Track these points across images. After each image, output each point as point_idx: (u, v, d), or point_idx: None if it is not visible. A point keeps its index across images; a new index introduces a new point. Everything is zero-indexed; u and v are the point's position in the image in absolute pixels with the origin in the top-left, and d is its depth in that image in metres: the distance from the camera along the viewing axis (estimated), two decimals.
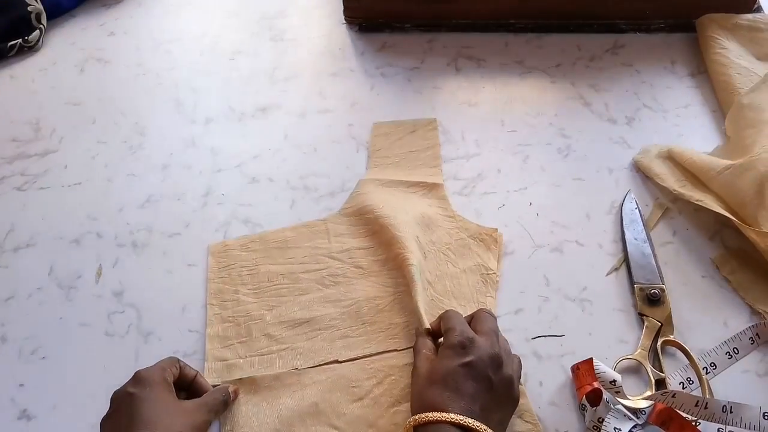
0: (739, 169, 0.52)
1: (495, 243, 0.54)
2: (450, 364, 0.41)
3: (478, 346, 0.41)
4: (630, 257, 0.53)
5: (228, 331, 0.50)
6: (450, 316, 0.45)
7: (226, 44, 0.73)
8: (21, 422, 0.47)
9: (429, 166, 0.61)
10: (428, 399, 0.40)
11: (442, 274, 0.53)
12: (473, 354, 0.41)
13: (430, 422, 0.38)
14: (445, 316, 0.45)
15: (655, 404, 0.43)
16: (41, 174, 0.62)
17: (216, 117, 0.66)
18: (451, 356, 0.41)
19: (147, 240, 0.57)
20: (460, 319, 0.44)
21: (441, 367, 0.41)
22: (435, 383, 0.40)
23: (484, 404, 0.40)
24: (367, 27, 0.73)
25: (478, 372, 0.40)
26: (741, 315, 0.50)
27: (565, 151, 0.61)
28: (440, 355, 0.42)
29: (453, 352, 0.41)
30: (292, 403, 0.46)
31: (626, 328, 0.50)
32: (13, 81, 0.71)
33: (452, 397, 0.39)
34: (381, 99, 0.67)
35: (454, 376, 0.40)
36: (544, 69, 0.68)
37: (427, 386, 0.41)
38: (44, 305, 0.53)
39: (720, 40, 0.66)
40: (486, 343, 0.42)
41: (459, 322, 0.44)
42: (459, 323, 0.43)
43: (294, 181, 0.60)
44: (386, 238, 0.53)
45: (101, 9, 0.78)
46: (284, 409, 0.46)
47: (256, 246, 0.55)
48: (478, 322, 0.44)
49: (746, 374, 0.47)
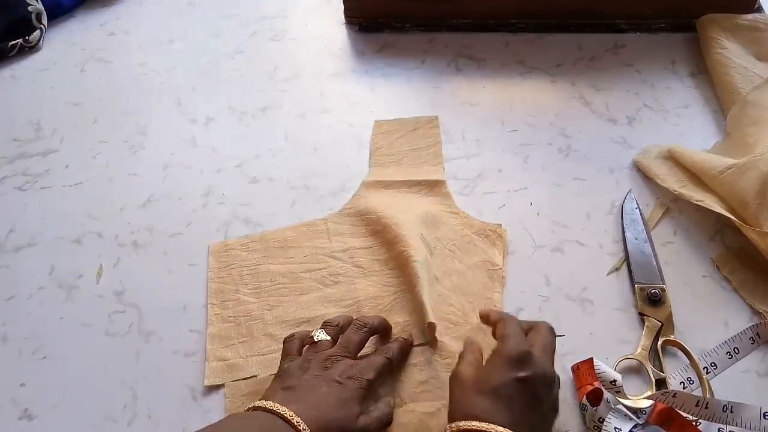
0: (740, 168, 0.52)
1: (500, 239, 0.54)
2: (504, 376, 0.39)
3: (535, 362, 0.40)
4: (630, 257, 0.53)
5: (229, 331, 0.51)
6: (508, 323, 0.43)
7: (226, 44, 0.73)
8: (22, 422, 0.47)
9: (431, 163, 0.61)
10: (474, 407, 0.38)
11: (448, 271, 0.53)
12: (529, 370, 0.39)
13: (475, 431, 0.37)
14: (502, 321, 0.43)
15: (655, 404, 0.43)
16: (42, 174, 0.62)
17: (216, 117, 0.66)
18: (506, 368, 0.39)
19: (148, 240, 0.57)
20: (517, 327, 0.42)
21: (493, 377, 0.39)
22: (484, 393, 0.39)
23: (532, 423, 0.38)
24: (367, 27, 0.73)
25: (531, 389, 0.39)
26: (741, 315, 0.50)
27: (566, 151, 0.61)
28: (492, 364, 0.40)
29: (508, 364, 0.39)
30: None
31: (627, 327, 0.50)
32: (14, 81, 0.71)
33: (502, 411, 0.38)
34: (381, 99, 0.67)
35: (506, 389, 0.38)
36: (544, 69, 0.68)
37: (474, 394, 0.39)
38: (45, 305, 0.53)
39: (720, 40, 0.66)
40: (543, 360, 0.40)
41: (516, 332, 0.42)
42: (516, 333, 0.42)
43: (294, 180, 0.60)
44: (389, 237, 0.53)
45: (102, 9, 0.78)
46: None
47: (257, 246, 0.55)
48: (537, 334, 0.43)
49: (747, 374, 0.47)
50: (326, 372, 0.43)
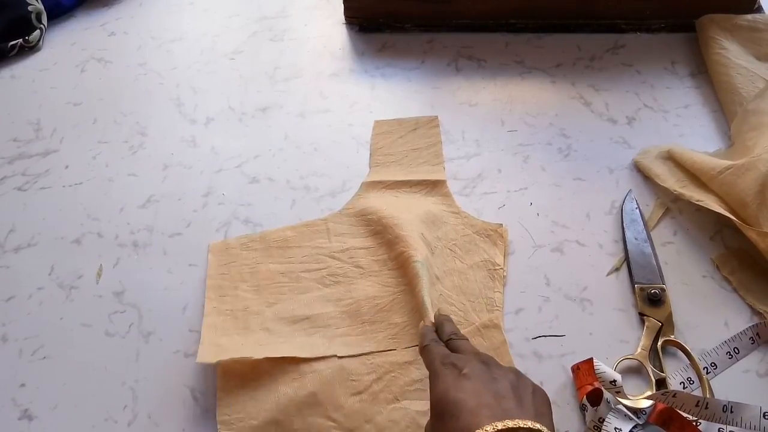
0: (739, 169, 0.52)
1: (501, 238, 0.54)
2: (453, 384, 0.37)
3: (463, 356, 0.39)
4: (630, 257, 0.53)
5: (226, 323, 0.50)
6: (424, 357, 0.41)
7: (226, 44, 0.73)
8: (22, 422, 0.47)
9: (431, 163, 0.61)
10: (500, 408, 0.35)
11: (449, 270, 0.53)
12: (464, 362, 0.38)
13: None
14: (423, 354, 0.42)
15: (655, 404, 0.43)
16: (42, 174, 0.62)
17: (216, 117, 0.66)
18: (451, 376, 0.37)
19: (148, 240, 0.57)
20: (432, 353, 0.41)
21: (451, 392, 0.36)
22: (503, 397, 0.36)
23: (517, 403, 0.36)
24: (367, 27, 0.73)
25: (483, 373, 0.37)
26: (741, 315, 0.50)
27: (566, 151, 0.61)
28: (438, 384, 0.38)
29: (447, 375, 0.38)
30: (291, 391, 0.46)
31: (627, 327, 0.50)
32: (14, 81, 0.71)
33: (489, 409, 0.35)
34: (381, 99, 0.67)
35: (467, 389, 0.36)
36: (544, 69, 0.68)
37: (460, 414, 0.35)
38: (45, 305, 0.53)
39: (720, 41, 0.66)
40: (464, 350, 0.40)
41: (433, 352, 0.40)
42: (433, 351, 0.40)
43: (294, 181, 0.60)
44: (389, 238, 0.53)
45: (102, 9, 0.78)
46: (282, 397, 0.46)
47: (257, 245, 0.55)
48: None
49: (747, 374, 0.47)
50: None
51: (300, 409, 0.45)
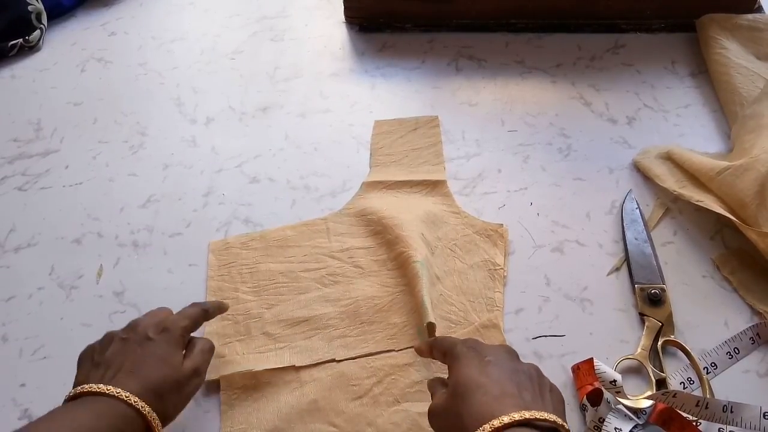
0: (738, 169, 0.52)
1: (501, 238, 0.54)
2: (478, 368, 0.37)
3: (483, 344, 0.40)
4: (631, 257, 0.53)
5: (227, 329, 0.51)
6: (440, 341, 0.43)
7: (226, 44, 0.73)
8: (23, 422, 0.47)
9: (432, 163, 0.61)
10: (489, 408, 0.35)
11: (449, 270, 0.53)
12: (488, 350, 0.39)
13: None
14: (435, 343, 0.43)
15: (655, 404, 0.43)
16: (42, 174, 0.62)
17: (217, 117, 0.66)
18: (477, 360, 0.38)
19: (148, 240, 0.57)
20: (448, 339, 0.42)
21: (477, 376, 0.37)
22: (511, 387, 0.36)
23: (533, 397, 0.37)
24: (367, 27, 0.73)
25: (505, 363, 0.38)
26: (741, 315, 0.50)
27: (566, 151, 0.61)
28: (461, 368, 0.38)
29: (474, 359, 0.38)
30: (292, 400, 0.47)
31: (627, 328, 0.50)
32: (14, 81, 0.71)
33: (510, 399, 0.35)
34: (381, 99, 0.67)
35: (493, 376, 0.37)
36: (544, 69, 0.68)
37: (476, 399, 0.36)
38: (45, 305, 0.53)
39: (720, 40, 0.66)
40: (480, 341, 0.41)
41: (448, 340, 0.42)
42: (448, 340, 0.42)
43: (294, 180, 0.60)
44: (389, 238, 0.54)
45: (102, 9, 0.78)
46: (283, 406, 0.46)
47: (257, 244, 0.55)
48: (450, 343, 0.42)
49: (747, 374, 0.47)
50: (134, 335, 0.41)
51: (301, 416, 0.46)
